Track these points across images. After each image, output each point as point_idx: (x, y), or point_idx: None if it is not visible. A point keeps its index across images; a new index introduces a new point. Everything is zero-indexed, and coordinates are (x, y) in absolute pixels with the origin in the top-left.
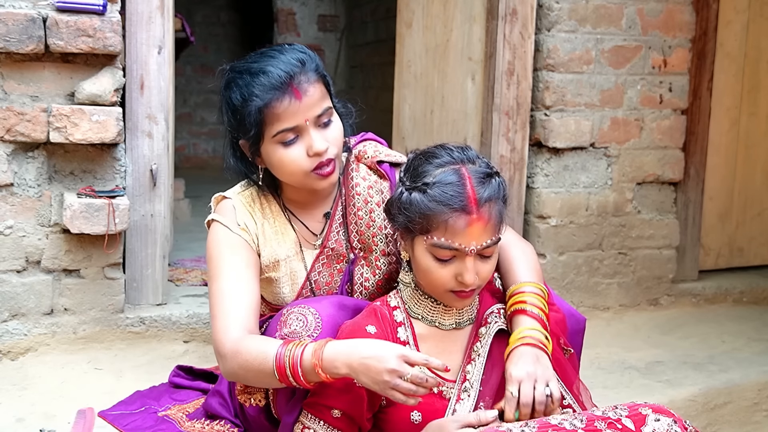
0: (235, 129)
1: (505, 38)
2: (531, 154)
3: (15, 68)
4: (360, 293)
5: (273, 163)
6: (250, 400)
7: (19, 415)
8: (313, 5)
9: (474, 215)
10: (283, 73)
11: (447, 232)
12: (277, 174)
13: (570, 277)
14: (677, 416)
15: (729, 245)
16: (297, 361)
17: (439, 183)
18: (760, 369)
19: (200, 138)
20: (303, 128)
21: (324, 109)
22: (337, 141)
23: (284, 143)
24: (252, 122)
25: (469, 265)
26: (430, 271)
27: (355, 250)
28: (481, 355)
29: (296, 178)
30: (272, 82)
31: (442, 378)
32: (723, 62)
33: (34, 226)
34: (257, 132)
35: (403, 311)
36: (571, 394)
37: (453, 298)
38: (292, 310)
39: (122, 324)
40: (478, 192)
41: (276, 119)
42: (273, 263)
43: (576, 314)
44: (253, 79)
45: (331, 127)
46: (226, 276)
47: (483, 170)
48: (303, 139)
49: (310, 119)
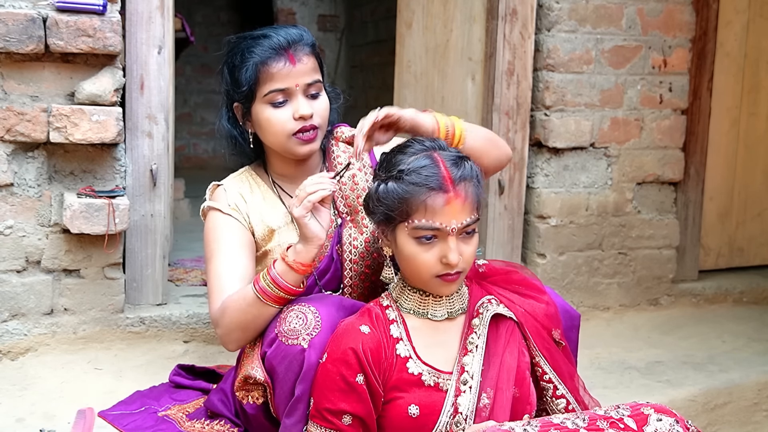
0: (231, 88)
1: (505, 38)
2: (531, 154)
3: (15, 68)
4: (350, 252)
5: (261, 122)
6: (247, 397)
7: (19, 415)
8: (313, 5)
9: (451, 193)
10: (282, 39)
11: (427, 213)
12: (263, 136)
13: (570, 277)
14: (679, 416)
15: (729, 245)
16: (272, 272)
17: (414, 168)
18: (760, 369)
19: (200, 138)
20: (292, 92)
21: (314, 80)
22: (322, 113)
23: (273, 104)
24: (247, 78)
25: (452, 245)
26: (414, 257)
27: (342, 214)
28: (478, 346)
29: (279, 140)
30: (271, 45)
31: (438, 370)
32: (723, 62)
33: (34, 226)
34: (250, 90)
35: (395, 309)
36: (564, 384)
37: (439, 284)
38: (292, 308)
39: (122, 324)
40: (452, 171)
41: (269, 78)
42: (267, 234)
43: (570, 310)
44: (254, 41)
45: (319, 100)
46: (220, 256)
47: (454, 154)
48: (291, 103)
49: (300, 85)
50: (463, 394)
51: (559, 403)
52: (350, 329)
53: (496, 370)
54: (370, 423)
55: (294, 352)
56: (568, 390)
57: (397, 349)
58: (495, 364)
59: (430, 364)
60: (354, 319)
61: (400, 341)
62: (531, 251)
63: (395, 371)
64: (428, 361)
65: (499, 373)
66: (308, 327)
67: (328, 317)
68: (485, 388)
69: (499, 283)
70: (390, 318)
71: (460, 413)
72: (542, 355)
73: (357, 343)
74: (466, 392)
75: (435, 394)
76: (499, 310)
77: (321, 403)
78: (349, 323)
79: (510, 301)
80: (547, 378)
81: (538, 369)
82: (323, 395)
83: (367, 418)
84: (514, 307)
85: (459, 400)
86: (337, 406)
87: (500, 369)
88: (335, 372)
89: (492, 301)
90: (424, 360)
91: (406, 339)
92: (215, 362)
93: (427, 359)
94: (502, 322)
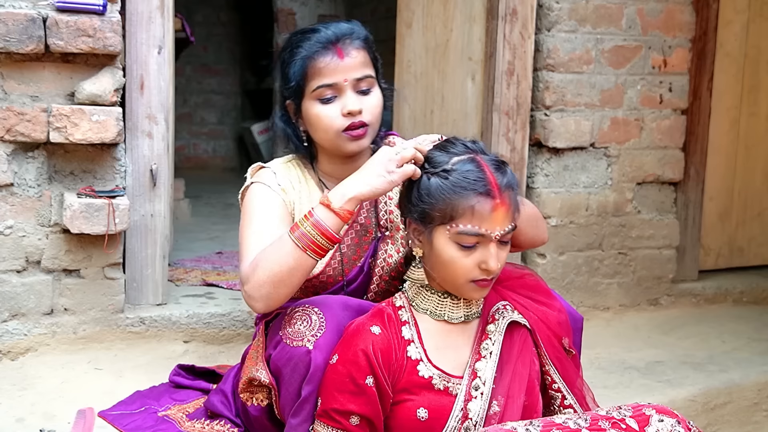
0: (282, 84)
1: (505, 38)
2: (531, 154)
3: (15, 68)
4: (382, 268)
5: (310, 119)
6: (252, 399)
7: (19, 415)
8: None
9: (498, 200)
10: (330, 33)
11: (474, 218)
12: (313, 132)
13: (570, 277)
14: (681, 417)
15: (729, 245)
16: (312, 218)
17: (459, 170)
18: (760, 369)
19: (200, 138)
20: (341, 87)
21: (365, 75)
22: (373, 109)
23: (322, 100)
24: (295, 73)
25: (493, 251)
26: (453, 261)
27: (382, 228)
28: (493, 353)
29: (328, 137)
30: (319, 39)
31: (448, 374)
32: (723, 62)
33: (34, 226)
34: (298, 85)
35: (408, 310)
36: (572, 393)
37: (473, 289)
38: (296, 309)
39: (122, 324)
40: (497, 178)
41: (317, 73)
42: None
43: (574, 313)
44: (304, 36)
45: (371, 96)
46: (261, 221)
47: (496, 159)
48: (340, 99)
49: (350, 80)
50: (474, 399)
51: (566, 412)
52: (361, 330)
53: (508, 378)
54: (377, 424)
55: (299, 353)
56: (576, 400)
57: (408, 351)
58: (508, 372)
59: (440, 368)
60: (365, 319)
61: (412, 343)
62: (531, 251)
63: (405, 373)
64: (439, 364)
65: (511, 382)
66: (313, 328)
67: (333, 318)
68: (497, 396)
69: (514, 287)
70: (402, 319)
71: (470, 419)
72: (553, 365)
73: (367, 344)
74: (477, 398)
75: (444, 399)
76: (514, 317)
77: (329, 403)
78: (361, 324)
79: (524, 308)
80: (555, 387)
81: (547, 378)
82: (332, 395)
83: (375, 420)
84: (527, 314)
85: (469, 405)
86: (346, 407)
87: (513, 377)
88: (345, 373)
89: (507, 308)
90: (435, 363)
91: (418, 341)
92: (215, 362)
93: (437, 363)
94: (516, 330)
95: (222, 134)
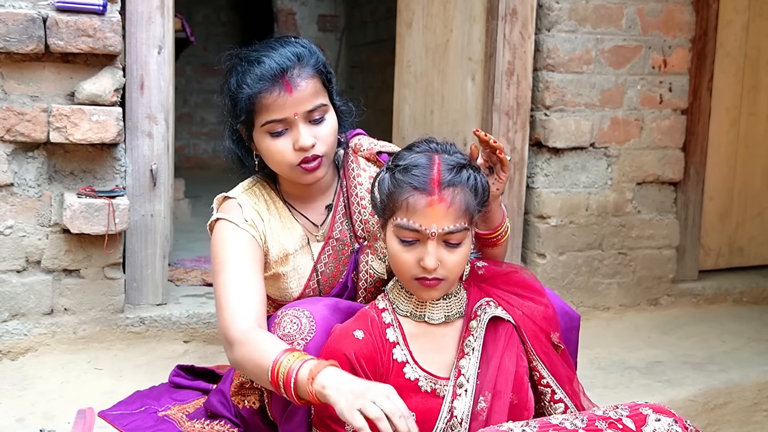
0: (230, 113)
1: (505, 38)
2: (531, 154)
3: (15, 68)
4: (365, 280)
5: (262, 151)
6: (243, 401)
7: (19, 415)
8: (313, 5)
9: (434, 196)
10: (276, 65)
11: (408, 212)
12: (267, 163)
13: (570, 277)
14: (678, 416)
15: (729, 245)
16: (292, 374)
17: (409, 165)
18: (760, 369)
19: (200, 138)
20: (292, 121)
21: (316, 106)
22: (327, 138)
23: (272, 134)
24: (242, 109)
25: (430, 249)
26: (396, 255)
27: (359, 239)
28: (475, 349)
29: (283, 169)
30: (264, 73)
31: (434, 376)
32: (723, 62)
33: (34, 226)
34: (248, 119)
35: (391, 312)
36: (564, 391)
37: (418, 287)
38: (286, 313)
39: (122, 324)
40: (443, 175)
41: (265, 110)
42: (282, 257)
43: (570, 311)
44: (249, 67)
45: (323, 125)
46: (233, 269)
47: (457, 160)
48: (291, 132)
49: (300, 113)
50: (458, 397)
51: (557, 407)
52: (344, 335)
53: (494, 373)
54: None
55: None
56: (566, 395)
57: (393, 353)
58: (493, 368)
59: (427, 370)
60: (349, 324)
61: (397, 345)
62: (531, 251)
63: (392, 376)
64: (425, 366)
65: (497, 377)
66: (303, 332)
67: (323, 321)
68: (483, 391)
69: (498, 284)
70: (386, 322)
71: (455, 417)
72: (540, 359)
73: (350, 350)
74: (461, 395)
75: (432, 401)
76: (497, 312)
77: (321, 410)
78: (344, 328)
79: (508, 304)
80: (545, 382)
81: (535, 373)
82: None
83: None
84: (512, 310)
85: (455, 403)
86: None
87: (498, 372)
88: None
89: (490, 303)
90: (421, 365)
91: (403, 343)
92: (215, 362)
93: (424, 365)
94: (500, 325)
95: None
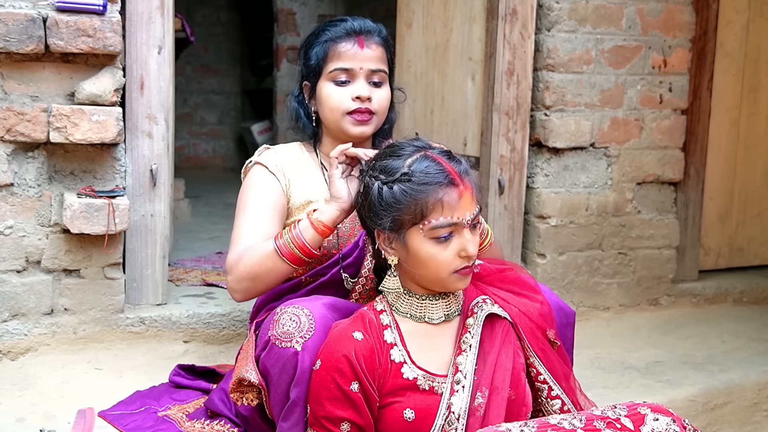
0: (302, 63)
1: (505, 38)
2: (531, 154)
3: (15, 68)
4: (362, 285)
5: (322, 98)
6: (242, 399)
7: (19, 415)
8: (313, 5)
9: (462, 186)
10: (356, 24)
11: (444, 209)
12: (322, 112)
13: (570, 277)
14: (676, 415)
15: (729, 245)
16: (294, 229)
17: (418, 169)
18: (760, 369)
19: (200, 138)
20: (356, 73)
21: (379, 68)
22: (381, 101)
23: (336, 82)
24: (317, 53)
25: (468, 237)
26: (433, 257)
27: None
28: (472, 345)
29: (335, 116)
30: (345, 27)
31: (432, 374)
32: (723, 62)
33: (34, 226)
34: (318, 65)
35: (389, 313)
36: (561, 387)
37: (457, 279)
38: (285, 310)
39: (122, 324)
40: (454, 166)
41: (336, 56)
42: (303, 204)
43: (565, 307)
44: (332, 23)
45: (381, 89)
46: (253, 211)
47: (443, 150)
48: (353, 84)
49: (365, 69)
50: (456, 393)
51: (554, 403)
52: (343, 336)
53: (491, 370)
54: (368, 430)
55: (287, 355)
56: (563, 390)
57: (391, 354)
58: (491, 364)
59: (424, 369)
60: (347, 324)
61: (395, 346)
62: (531, 251)
63: (390, 377)
64: (423, 365)
65: (494, 373)
66: (301, 330)
67: (322, 319)
68: (480, 387)
69: (493, 282)
70: (384, 323)
71: (453, 412)
72: (536, 356)
73: (350, 350)
74: (459, 392)
75: (430, 398)
76: (493, 309)
77: (318, 411)
78: (342, 329)
79: (504, 301)
80: (541, 378)
81: (532, 370)
82: (319, 403)
83: (366, 427)
84: (508, 307)
85: (452, 399)
86: (335, 414)
87: (496, 368)
88: (329, 380)
89: (486, 301)
90: (419, 364)
91: (401, 344)
92: (215, 362)
93: (421, 363)
94: (497, 322)
95: (222, 134)
